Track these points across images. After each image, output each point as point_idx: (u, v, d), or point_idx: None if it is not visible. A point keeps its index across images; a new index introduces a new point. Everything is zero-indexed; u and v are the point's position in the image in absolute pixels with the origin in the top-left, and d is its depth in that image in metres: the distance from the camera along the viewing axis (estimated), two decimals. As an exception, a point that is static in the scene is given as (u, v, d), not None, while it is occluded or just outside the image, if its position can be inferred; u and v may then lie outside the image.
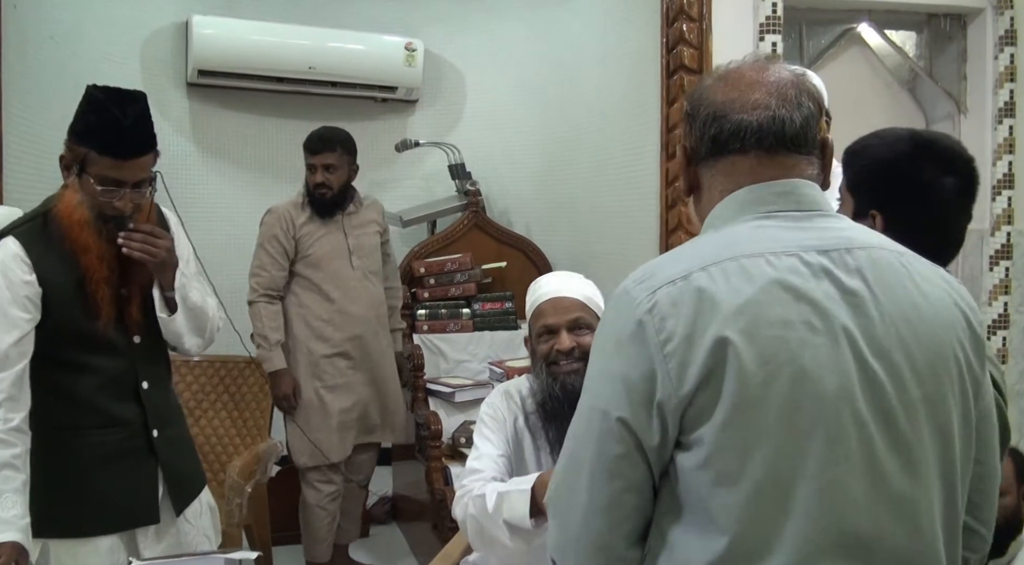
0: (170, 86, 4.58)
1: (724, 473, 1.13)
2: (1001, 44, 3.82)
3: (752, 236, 1.21)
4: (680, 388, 1.14)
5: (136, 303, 2.12)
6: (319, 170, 3.63)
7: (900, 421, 1.15)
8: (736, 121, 1.25)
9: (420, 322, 4.25)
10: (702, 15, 3.46)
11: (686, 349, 1.14)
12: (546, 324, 2.20)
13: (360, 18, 4.80)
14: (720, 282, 1.15)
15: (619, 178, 3.99)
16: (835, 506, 1.12)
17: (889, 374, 1.15)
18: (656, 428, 1.16)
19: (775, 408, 1.12)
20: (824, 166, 1.30)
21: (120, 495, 2.10)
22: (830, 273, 1.17)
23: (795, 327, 1.13)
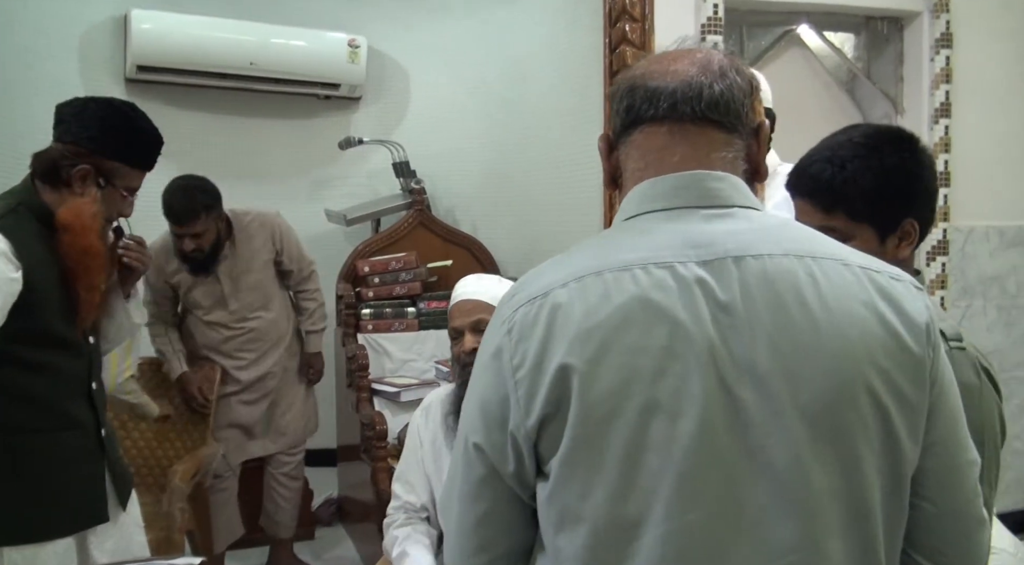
0: (108, 82, 4.49)
1: (566, 512, 1.06)
2: (937, 47, 3.90)
3: (632, 242, 1.09)
4: (527, 418, 1.06)
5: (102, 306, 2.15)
6: (186, 239, 3.43)
7: (776, 459, 1.01)
8: (652, 87, 1.13)
9: (365, 321, 4.23)
10: (644, 15, 3.48)
11: (534, 377, 1.05)
12: (453, 326, 2.30)
13: (303, 14, 4.75)
14: (576, 301, 1.05)
15: (564, 176, 4.01)
16: (683, 555, 1.01)
17: (763, 406, 1.02)
18: (511, 455, 1.09)
19: (620, 444, 1.02)
20: (755, 151, 1.17)
21: (75, 497, 2.08)
22: (705, 287, 1.04)
23: (650, 353, 1.02)
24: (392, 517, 2.35)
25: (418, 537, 2.27)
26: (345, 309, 4.18)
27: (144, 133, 2.08)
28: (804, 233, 1.12)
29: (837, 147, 1.54)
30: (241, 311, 3.65)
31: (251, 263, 3.65)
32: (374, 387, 3.97)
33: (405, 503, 2.35)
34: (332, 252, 4.55)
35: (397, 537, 2.29)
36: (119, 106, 2.07)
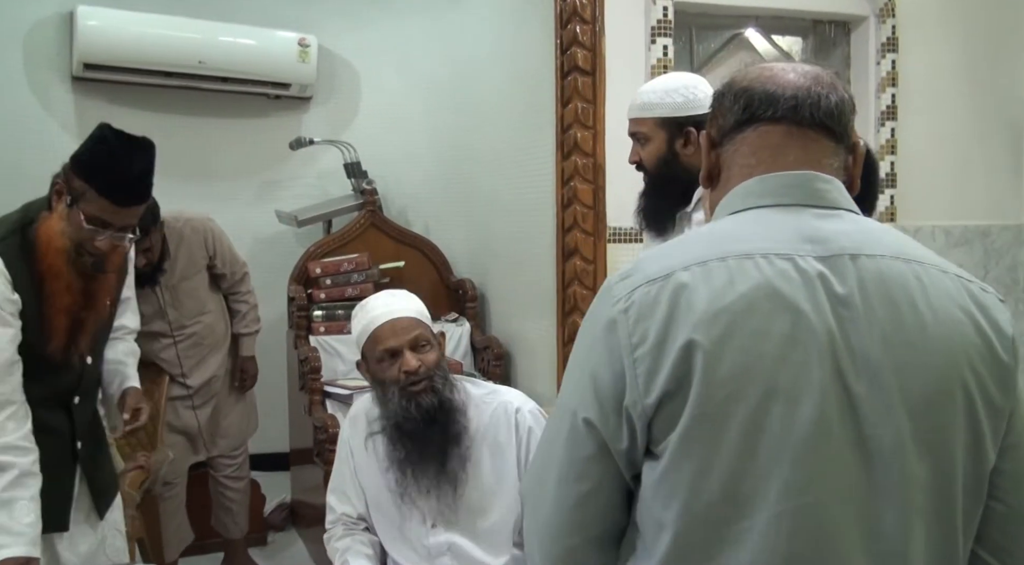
0: (54, 80, 4.42)
1: (679, 488, 1.09)
2: (883, 51, 3.97)
3: (749, 232, 1.14)
4: (647, 396, 1.09)
5: (89, 329, 2.15)
6: (138, 256, 3.23)
7: (883, 449, 1.06)
8: (771, 90, 1.19)
9: (317, 323, 4.20)
10: (595, 17, 3.50)
11: (656, 355, 1.08)
12: (387, 348, 2.18)
13: (252, 12, 4.70)
14: (701, 284, 1.09)
15: (515, 177, 4.01)
16: (795, 536, 1.05)
17: (874, 397, 1.06)
18: (625, 432, 1.12)
19: (739, 426, 1.06)
20: (851, 166, 1.22)
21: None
22: (825, 281, 1.08)
23: (773, 340, 1.06)
24: (331, 530, 2.33)
25: (359, 548, 2.26)
26: (297, 311, 4.15)
27: (116, 160, 2.01)
28: (904, 238, 1.18)
29: None
30: (180, 319, 3.61)
31: (187, 270, 3.61)
32: (326, 389, 3.94)
33: (341, 516, 2.33)
34: (283, 254, 4.52)
35: (339, 549, 2.27)
36: (108, 133, 2.05)
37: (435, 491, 2.21)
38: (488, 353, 4.14)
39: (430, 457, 2.17)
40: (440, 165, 4.79)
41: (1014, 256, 4.27)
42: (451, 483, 2.20)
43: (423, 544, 2.22)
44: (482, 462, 2.23)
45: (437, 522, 2.22)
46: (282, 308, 4.29)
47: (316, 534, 3.98)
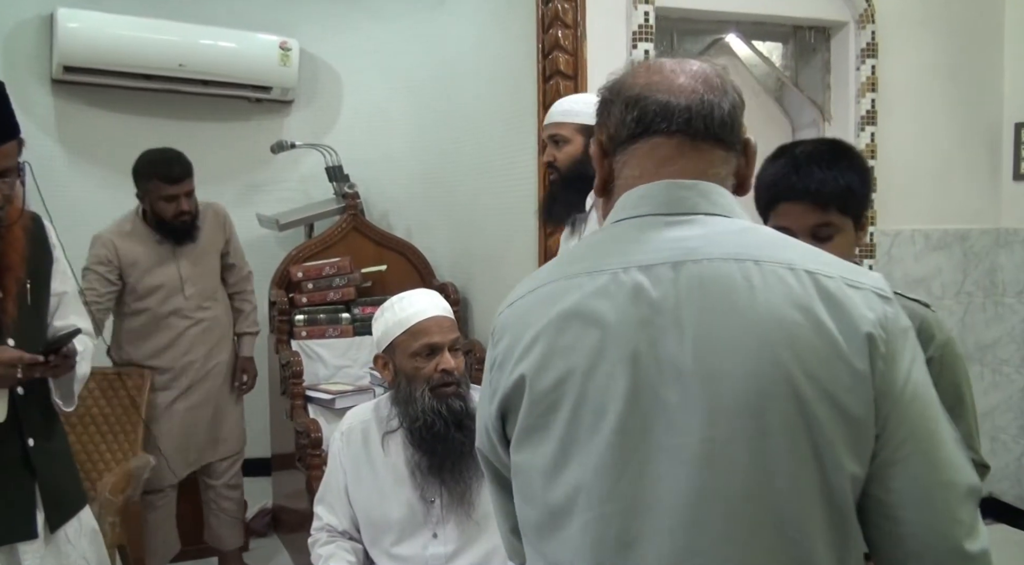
0: (34, 83, 4.39)
1: (520, 497, 1.18)
2: (863, 56, 4.00)
3: (591, 250, 1.17)
4: (491, 406, 1.20)
5: (10, 302, 2.02)
6: (181, 199, 3.43)
7: (691, 458, 1.04)
8: (663, 101, 1.16)
9: (298, 328, 4.19)
10: (576, 22, 3.51)
11: (498, 376, 1.18)
12: (431, 342, 2.18)
13: (233, 15, 4.69)
14: (531, 309, 1.16)
15: (497, 181, 4.02)
16: (599, 544, 1.07)
17: (684, 406, 1.04)
18: (499, 448, 1.23)
19: (555, 438, 1.11)
20: (743, 166, 1.21)
21: None
22: (641, 292, 1.08)
23: (582, 353, 1.09)
24: (316, 536, 2.32)
25: (343, 554, 2.25)
26: (278, 315, 4.14)
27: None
28: (759, 238, 1.12)
29: (818, 156, 1.73)
30: (196, 298, 3.59)
31: (207, 247, 3.64)
32: (308, 394, 3.94)
33: (326, 525, 2.32)
34: (264, 258, 4.50)
35: (322, 555, 2.26)
36: None
37: (442, 500, 2.20)
38: (471, 357, 4.13)
39: (451, 463, 2.17)
40: (422, 168, 4.79)
41: (993, 260, 4.30)
42: (464, 493, 2.19)
43: (420, 556, 2.20)
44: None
45: (439, 533, 2.20)
46: (263, 312, 4.27)
47: (298, 540, 3.98)
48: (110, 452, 3.43)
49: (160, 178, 3.41)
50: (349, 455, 2.29)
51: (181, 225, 3.48)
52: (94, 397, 3.47)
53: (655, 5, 3.60)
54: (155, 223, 3.50)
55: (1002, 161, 4.28)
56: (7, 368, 1.91)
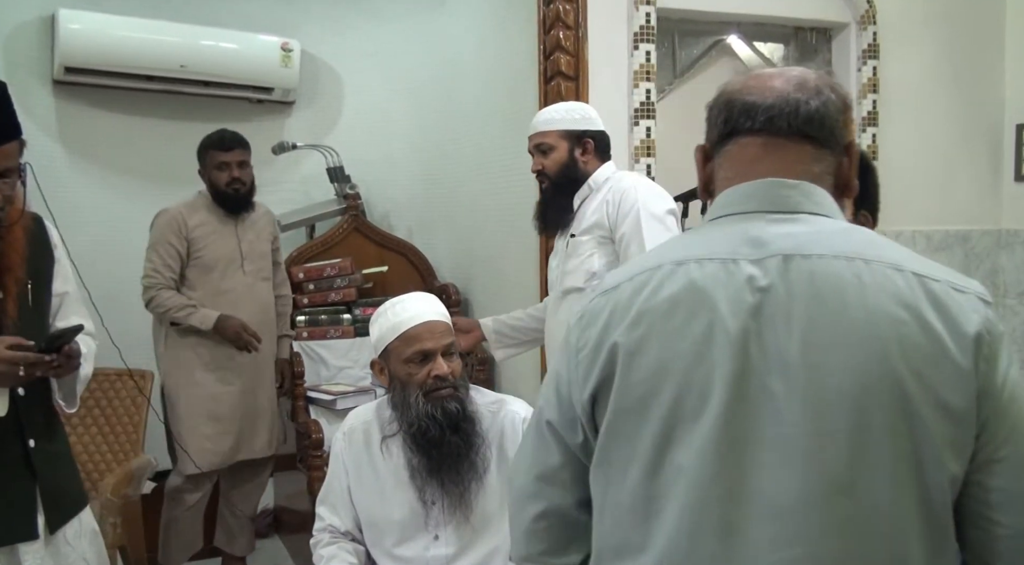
0: (35, 84, 4.38)
1: (609, 480, 1.19)
2: (864, 57, 3.99)
3: (697, 240, 1.20)
4: (583, 392, 1.20)
5: (10, 303, 2.01)
6: (234, 167, 3.62)
7: (795, 448, 1.06)
8: (750, 102, 1.20)
9: (300, 329, 4.19)
10: (578, 23, 3.51)
11: (592, 357, 1.19)
12: (423, 349, 2.17)
13: (234, 16, 4.68)
14: (639, 291, 1.17)
15: (498, 182, 4.02)
16: (698, 529, 1.09)
17: (788, 396, 1.07)
18: (578, 428, 1.23)
19: (657, 421, 1.12)
20: (846, 167, 1.23)
21: None
22: (751, 282, 1.11)
23: (689, 339, 1.11)
24: (318, 537, 2.32)
25: (344, 556, 2.24)
26: (280, 316, 4.14)
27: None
28: (865, 238, 1.15)
29: None
30: (253, 276, 3.69)
31: (261, 234, 3.79)
32: (309, 395, 3.94)
33: (329, 525, 2.31)
34: (266, 258, 4.49)
35: (323, 556, 2.25)
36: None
37: (442, 502, 2.20)
38: (472, 357, 4.14)
39: (449, 466, 2.16)
40: (423, 169, 4.79)
41: (994, 261, 4.30)
42: (463, 495, 2.19)
43: (423, 557, 2.20)
44: (489, 473, 2.22)
45: (440, 534, 2.20)
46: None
47: (299, 541, 3.98)
48: (111, 452, 3.44)
49: (213, 147, 3.66)
50: (351, 455, 2.29)
51: (235, 193, 3.63)
52: (96, 398, 3.48)
53: (656, 6, 3.60)
54: (213, 195, 3.65)
55: (1003, 162, 4.28)
56: (9, 366, 1.90)
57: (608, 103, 3.57)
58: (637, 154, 3.63)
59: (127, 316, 3.78)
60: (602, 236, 2.73)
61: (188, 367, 3.55)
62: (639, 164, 3.63)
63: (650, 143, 3.65)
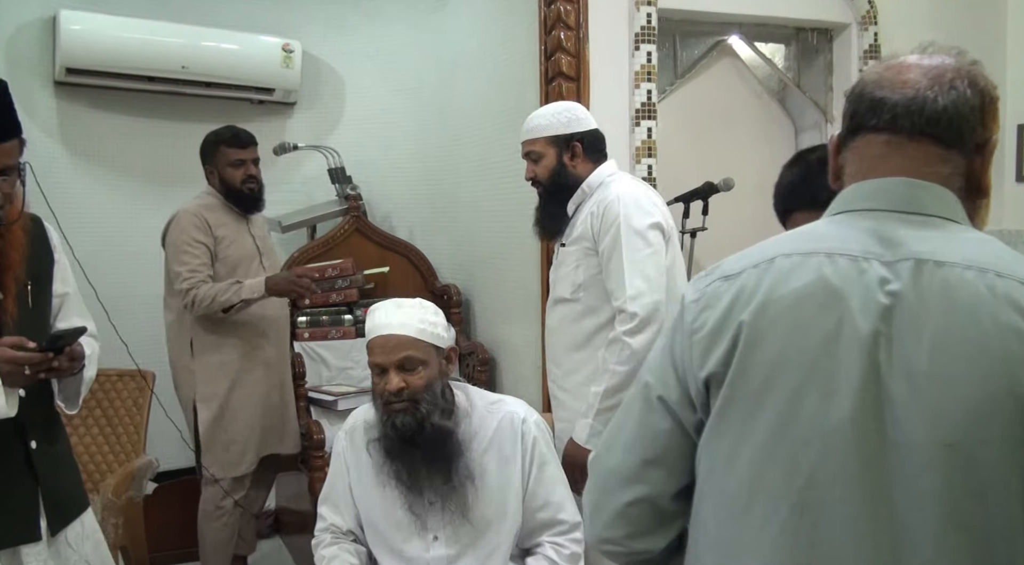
0: (37, 85, 4.38)
1: (715, 464, 1.17)
2: (865, 57, 4.00)
3: (826, 233, 1.17)
4: (700, 372, 1.17)
5: (10, 302, 2.00)
6: (249, 164, 3.60)
7: (913, 458, 1.05)
8: (877, 97, 1.18)
9: (301, 330, 4.19)
10: (579, 24, 3.51)
11: (711, 339, 1.16)
12: (375, 362, 2.19)
13: (235, 17, 4.68)
14: (763, 279, 1.15)
15: (499, 182, 4.02)
16: (815, 526, 1.07)
17: (912, 404, 1.05)
18: (688, 406, 1.20)
19: (772, 413, 1.11)
20: (978, 167, 1.20)
21: None
22: (883, 284, 1.09)
23: (816, 334, 1.10)
24: (319, 538, 2.32)
25: (345, 556, 2.25)
26: (281, 317, 4.14)
27: None
28: (995, 251, 1.12)
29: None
30: (271, 269, 3.67)
31: (264, 230, 3.81)
32: (311, 396, 3.94)
33: (331, 525, 2.32)
34: (267, 259, 4.50)
35: (325, 557, 2.26)
36: None
37: (440, 503, 2.21)
38: (473, 359, 4.14)
39: (421, 474, 2.17)
40: (425, 170, 4.79)
41: (995, 261, 4.30)
42: (455, 497, 2.20)
43: (423, 557, 2.20)
44: (488, 473, 2.23)
45: (439, 535, 2.21)
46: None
47: (301, 541, 3.98)
48: (113, 453, 3.44)
49: (228, 144, 3.62)
50: (352, 454, 2.30)
51: (250, 192, 3.61)
52: (97, 399, 3.48)
53: (657, 7, 3.60)
54: (225, 193, 3.61)
55: (1004, 163, 4.27)
56: (13, 365, 1.90)
57: (609, 104, 3.57)
58: (638, 155, 3.63)
59: (130, 316, 3.78)
60: (587, 248, 2.71)
61: (224, 372, 3.51)
62: (640, 164, 3.63)
63: (651, 144, 3.65)
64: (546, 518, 2.26)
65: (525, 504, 2.24)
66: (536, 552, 2.25)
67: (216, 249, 3.51)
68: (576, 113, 2.82)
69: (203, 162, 3.67)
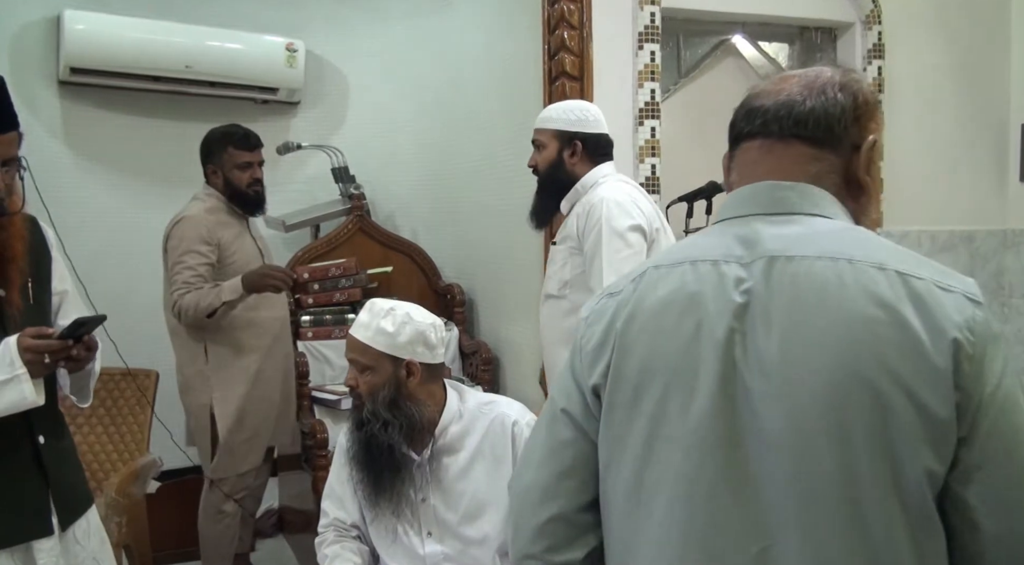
0: (41, 85, 4.38)
1: (606, 467, 1.23)
2: (869, 57, 3.99)
3: (696, 243, 1.24)
4: (588, 383, 1.24)
5: (15, 294, 2.01)
6: (256, 167, 3.58)
7: (772, 445, 1.09)
8: (755, 106, 1.25)
9: (304, 329, 4.19)
10: (582, 23, 3.51)
11: (596, 353, 1.23)
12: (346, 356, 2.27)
13: (239, 17, 4.68)
14: (637, 292, 1.22)
15: (502, 182, 4.02)
16: (689, 520, 1.13)
17: (766, 394, 1.09)
18: (591, 417, 1.25)
19: (645, 416, 1.17)
20: (855, 166, 1.22)
21: (6, 506, 1.97)
22: (739, 284, 1.14)
23: (679, 337, 1.16)
24: (323, 536, 2.33)
25: (348, 556, 2.25)
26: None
27: None
28: (856, 238, 1.15)
29: None
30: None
31: (261, 231, 3.79)
32: (314, 395, 3.94)
33: (335, 520, 2.32)
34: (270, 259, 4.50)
35: (327, 556, 2.26)
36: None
37: (430, 499, 2.22)
38: (476, 358, 4.14)
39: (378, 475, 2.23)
40: (428, 170, 4.79)
41: (999, 261, 4.30)
42: (441, 495, 2.22)
43: (419, 553, 2.22)
44: (477, 472, 2.24)
45: (433, 531, 2.22)
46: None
47: (304, 540, 3.98)
48: (116, 452, 3.44)
49: (236, 145, 3.59)
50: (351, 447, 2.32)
51: (255, 195, 3.59)
52: (100, 397, 3.48)
53: (661, 6, 3.60)
54: (228, 195, 3.57)
55: (1009, 162, 4.27)
56: (35, 354, 1.90)
57: (613, 103, 3.57)
58: (642, 154, 3.63)
59: (133, 316, 3.80)
60: (572, 247, 2.80)
61: (243, 376, 3.51)
62: (644, 164, 3.63)
63: (655, 143, 3.65)
64: None
65: None
66: None
67: (221, 256, 3.48)
68: (587, 115, 2.90)
69: (206, 161, 3.61)
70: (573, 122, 2.87)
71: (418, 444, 2.23)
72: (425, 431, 2.23)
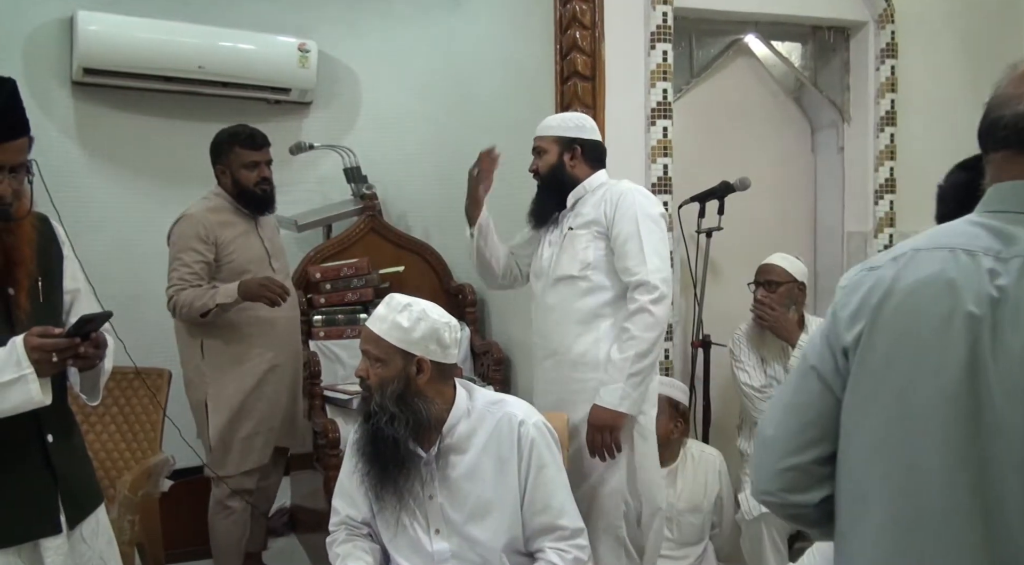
0: (54, 85, 4.40)
1: (848, 430, 1.30)
2: (882, 56, 3.98)
3: (958, 230, 1.27)
4: (841, 344, 1.31)
5: (23, 296, 2.00)
6: (263, 166, 3.58)
7: (1007, 431, 1.16)
8: (995, 117, 1.30)
9: (316, 328, 4.20)
10: (595, 23, 3.51)
11: (851, 319, 1.29)
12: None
13: (252, 17, 4.70)
14: (898, 270, 1.27)
15: (514, 182, 4.01)
16: (919, 494, 1.20)
17: (1005, 389, 1.16)
18: (839, 378, 1.32)
19: (891, 389, 1.24)
20: None
21: (15, 504, 1.97)
22: (993, 277, 1.19)
23: (931, 318, 1.21)
24: (334, 534, 2.33)
25: (360, 554, 2.25)
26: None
27: None
28: None
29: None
30: (281, 274, 3.64)
31: (274, 230, 3.77)
32: (326, 394, 3.95)
33: (346, 518, 2.33)
34: (283, 258, 4.51)
35: (339, 555, 2.27)
36: None
37: (437, 497, 2.23)
38: (488, 358, 4.14)
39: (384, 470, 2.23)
40: (440, 170, 4.79)
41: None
42: (448, 492, 2.23)
43: (427, 550, 2.22)
44: (485, 470, 2.24)
45: (441, 529, 2.23)
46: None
47: (316, 539, 3.98)
48: (129, 450, 3.45)
49: (242, 145, 3.57)
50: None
51: (262, 194, 3.58)
52: (113, 396, 3.50)
53: (673, 6, 3.60)
54: (236, 194, 3.57)
55: (1023, 162, 4.25)
56: (42, 353, 1.89)
57: (625, 103, 3.57)
58: (654, 154, 3.63)
59: (147, 315, 3.82)
60: (598, 231, 2.96)
61: (236, 373, 3.51)
62: (656, 164, 3.63)
63: (667, 143, 3.65)
64: (546, 522, 2.26)
65: (524, 507, 2.24)
66: (539, 557, 2.26)
67: (220, 254, 3.48)
68: (584, 123, 3.11)
69: (214, 161, 3.62)
70: (572, 129, 3.07)
71: (426, 441, 2.24)
72: (433, 429, 2.23)
